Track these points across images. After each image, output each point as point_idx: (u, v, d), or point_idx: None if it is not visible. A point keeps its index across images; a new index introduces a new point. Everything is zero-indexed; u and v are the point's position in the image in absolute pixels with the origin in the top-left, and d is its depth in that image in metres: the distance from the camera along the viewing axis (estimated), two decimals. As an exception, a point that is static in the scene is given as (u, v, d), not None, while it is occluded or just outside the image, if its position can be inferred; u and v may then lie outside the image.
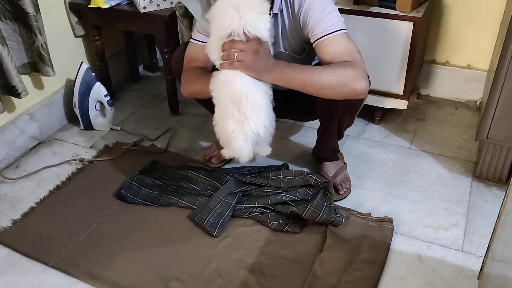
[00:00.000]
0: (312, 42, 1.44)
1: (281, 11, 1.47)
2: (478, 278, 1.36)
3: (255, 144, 1.41)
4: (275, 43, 1.54)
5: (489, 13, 2.06)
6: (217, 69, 1.40)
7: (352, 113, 1.62)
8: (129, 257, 1.51)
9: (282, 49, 1.57)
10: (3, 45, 1.72)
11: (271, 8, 1.44)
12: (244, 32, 1.30)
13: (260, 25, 1.32)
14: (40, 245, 1.56)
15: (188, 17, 1.91)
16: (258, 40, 1.33)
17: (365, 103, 1.64)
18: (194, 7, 1.55)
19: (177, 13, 1.92)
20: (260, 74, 1.35)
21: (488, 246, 1.27)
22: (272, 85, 1.40)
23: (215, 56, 1.37)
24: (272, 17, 1.47)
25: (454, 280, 1.42)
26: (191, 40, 1.58)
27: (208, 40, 1.40)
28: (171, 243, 1.55)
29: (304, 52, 1.58)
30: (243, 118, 1.33)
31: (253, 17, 1.31)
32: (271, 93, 1.40)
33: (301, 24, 1.46)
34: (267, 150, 1.51)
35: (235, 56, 1.31)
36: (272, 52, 1.41)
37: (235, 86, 1.32)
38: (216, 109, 1.40)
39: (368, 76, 1.53)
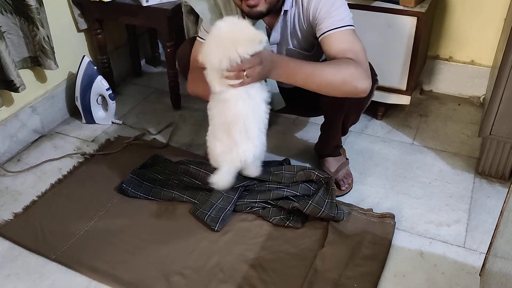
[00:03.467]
0: (318, 36, 1.43)
1: (291, 8, 1.46)
2: (480, 275, 1.35)
3: (243, 167, 1.38)
4: (282, 41, 1.53)
5: (493, 9, 2.05)
6: None
7: (358, 110, 1.62)
8: (130, 251, 1.51)
9: (291, 46, 1.56)
10: (1, 39, 1.71)
11: (283, 5, 1.43)
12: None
13: (256, 46, 1.25)
14: (42, 239, 1.56)
15: (195, 13, 1.90)
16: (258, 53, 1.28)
17: (368, 99, 1.64)
18: (200, 8, 1.54)
19: (183, 10, 1.91)
20: (266, 76, 1.32)
21: (491, 243, 1.27)
22: (277, 82, 1.39)
23: (217, 86, 1.29)
24: (282, 14, 1.46)
25: (455, 277, 1.42)
26: (197, 38, 1.57)
27: (207, 72, 1.32)
28: (173, 237, 1.55)
29: (314, 48, 1.57)
30: (233, 143, 1.30)
31: (248, 43, 1.24)
32: (267, 120, 1.36)
33: (310, 18, 1.45)
34: (255, 172, 1.47)
35: (245, 74, 1.25)
36: (276, 51, 1.41)
37: (229, 111, 1.28)
38: (209, 126, 1.38)
39: (377, 75, 1.54)
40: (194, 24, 1.94)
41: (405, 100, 2.01)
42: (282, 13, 1.46)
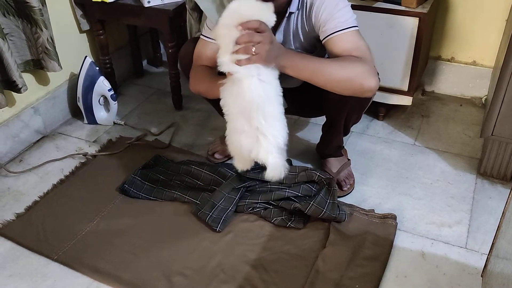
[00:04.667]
0: (322, 39, 1.42)
1: (296, 10, 1.45)
2: (481, 276, 1.35)
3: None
4: (285, 43, 1.53)
5: (495, 10, 2.04)
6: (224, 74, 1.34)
7: (360, 110, 1.61)
8: (132, 252, 1.51)
9: (293, 48, 1.56)
10: (3, 40, 1.71)
11: (288, 7, 1.42)
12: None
13: (269, 15, 1.27)
14: (44, 239, 1.56)
15: (198, 10, 1.90)
16: (270, 30, 1.29)
17: (369, 99, 1.63)
18: (206, 6, 1.52)
19: (186, 6, 1.90)
20: (273, 62, 1.29)
21: (492, 243, 1.26)
22: (280, 78, 1.38)
23: (227, 65, 1.27)
24: (287, 16, 1.46)
25: (457, 278, 1.41)
26: (201, 36, 1.57)
27: (219, 52, 1.29)
28: (174, 238, 1.56)
29: (316, 50, 1.56)
30: (257, 132, 1.26)
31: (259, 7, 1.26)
32: (282, 100, 1.33)
33: (313, 20, 1.44)
34: (280, 173, 1.38)
35: (253, 50, 1.23)
36: None
37: (245, 96, 1.25)
38: (227, 124, 1.33)
39: (378, 74, 1.53)
40: (197, 22, 1.94)
41: (406, 100, 2.01)
42: (286, 15, 1.46)
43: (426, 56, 2.16)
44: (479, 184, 1.76)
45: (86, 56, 2.05)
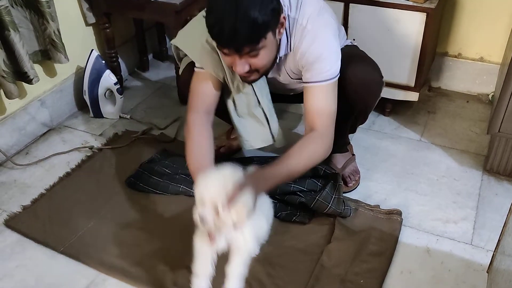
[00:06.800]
0: (302, 81, 1.44)
1: (286, 53, 1.43)
2: (487, 272, 1.35)
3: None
4: (276, 75, 1.52)
5: (503, 5, 2.03)
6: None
7: (366, 111, 1.61)
8: (138, 245, 1.52)
9: (281, 80, 1.55)
10: (15, 31, 1.72)
11: (278, 53, 1.40)
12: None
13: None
14: (50, 231, 1.57)
15: None
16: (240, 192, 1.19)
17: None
18: (194, 53, 1.48)
19: (172, 48, 1.79)
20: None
21: (499, 240, 1.26)
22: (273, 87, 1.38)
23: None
24: (278, 61, 1.44)
25: (462, 274, 1.41)
26: (195, 68, 1.50)
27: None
28: (180, 231, 1.55)
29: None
30: None
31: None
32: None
33: (298, 62, 1.43)
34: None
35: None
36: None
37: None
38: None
39: (383, 77, 1.53)
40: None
41: (413, 96, 2.00)
42: (278, 61, 1.44)
43: (433, 52, 2.15)
44: (485, 181, 1.75)
45: (92, 50, 2.05)
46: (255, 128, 1.57)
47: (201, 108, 1.48)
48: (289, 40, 1.39)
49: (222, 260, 1.27)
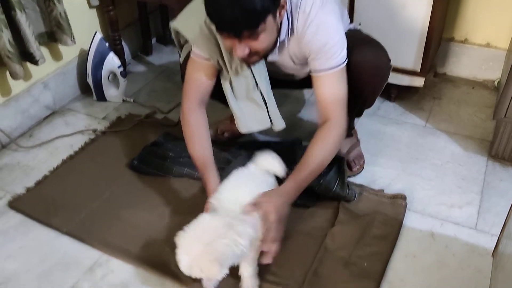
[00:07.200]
0: (309, 70, 1.43)
1: (287, 36, 1.40)
2: (492, 256, 1.35)
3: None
4: (280, 59, 1.50)
5: (512, -10, 2.01)
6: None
7: (374, 97, 1.61)
8: (141, 226, 1.52)
9: (283, 64, 1.53)
10: (21, 11, 1.71)
11: (278, 36, 1.38)
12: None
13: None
14: (53, 212, 1.57)
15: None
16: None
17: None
18: (192, 36, 1.45)
19: (172, 31, 1.76)
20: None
21: (504, 224, 1.26)
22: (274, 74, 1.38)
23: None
24: (279, 45, 1.42)
25: (467, 258, 1.41)
26: (191, 55, 1.49)
27: None
28: (184, 213, 1.55)
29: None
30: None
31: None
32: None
33: (303, 49, 1.41)
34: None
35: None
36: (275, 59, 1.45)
37: None
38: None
39: (390, 60, 1.51)
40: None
41: (419, 82, 1.98)
42: (278, 44, 1.42)
43: (439, 37, 2.13)
44: (490, 166, 1.74)
45: (96, 32, 2.04)
46: (253, 111, 1.56)
47: (196, 97, 1.50)
48: (290, 24, 1.38)
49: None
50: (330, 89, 1.41)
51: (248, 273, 1.30)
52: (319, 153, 1.40)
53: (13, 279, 1.38)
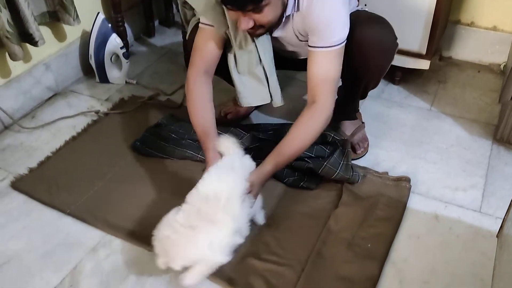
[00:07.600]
0: (308, 45, 1.42)
1: (292, 12, 1.39)
2: (497, 236, 1.34)
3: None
4: (284, 36, 1.49)
5: (520, -28, 1.98)
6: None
7: (379, 75, 1.59)
8: (143, 207, 1.51)
9: (287, 41, 1.52)
10: (20, -9, 1.69)
11: (284, 11, 1.37)
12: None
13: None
14: (56, 193, 1.57)
15: None
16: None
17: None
18: (197, 4, 1.47)
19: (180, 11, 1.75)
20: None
21: (510, 205, 1.25)
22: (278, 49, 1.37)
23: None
24: (284, 20, 1.41)
25: (471, 240, 1.41)
26: (199, 24, 1.48)
27: None
28: (185, 195, 1.54)
29: None
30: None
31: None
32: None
33: (307, 24, 1.40)
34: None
35: None
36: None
37: None
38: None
39: (397, 38, 1.50)
40: (191, 9, 1.86)
41: (424, 64, 1.96)
42: (284, 20, 1.41)
43: (445, 19, 2.10)
44: (495, 150, 1.73)
45: (98, 13, 2.02)
46: (254, 86, 1.56)
47: (202, 66, 1.49)
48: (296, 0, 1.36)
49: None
50: (323, 67, 1.40)
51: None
52: (300, 137, 1.41)
53: (16, 259, 1.38)
